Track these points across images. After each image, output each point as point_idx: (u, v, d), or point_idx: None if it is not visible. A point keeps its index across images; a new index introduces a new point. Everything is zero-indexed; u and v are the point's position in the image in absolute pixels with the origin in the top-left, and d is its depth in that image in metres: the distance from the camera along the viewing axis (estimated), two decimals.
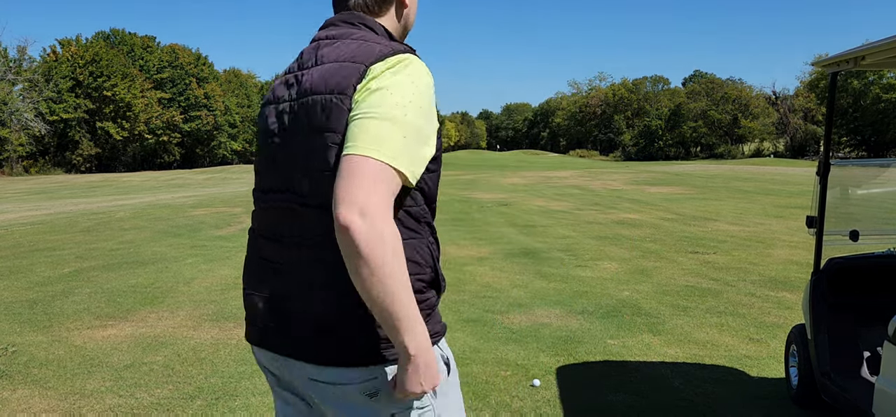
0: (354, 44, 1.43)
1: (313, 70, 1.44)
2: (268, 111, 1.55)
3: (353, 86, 1.35)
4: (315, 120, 1.39)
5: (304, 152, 1.41)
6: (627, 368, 4.47)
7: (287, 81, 1.51)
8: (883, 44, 2.98)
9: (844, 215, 3.86)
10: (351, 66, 1.37)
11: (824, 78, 54.36)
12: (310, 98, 1.41)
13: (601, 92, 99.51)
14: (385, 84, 1.33)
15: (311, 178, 1.39)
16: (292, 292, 1.44)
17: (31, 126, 53.38)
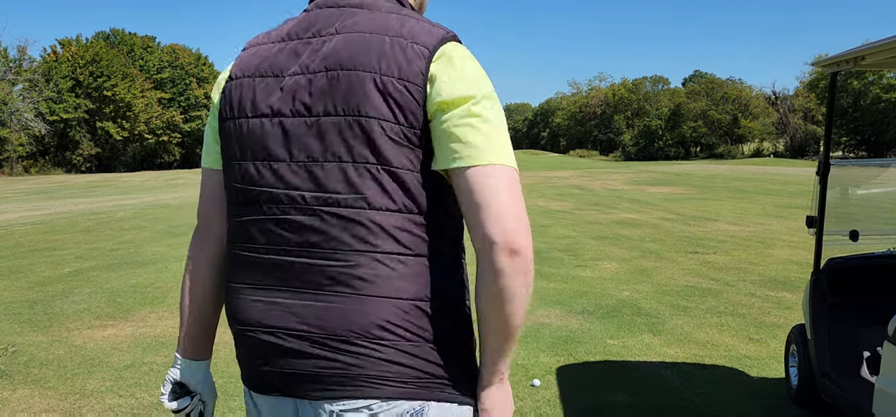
0: (393, 17, 1.20)
1: (341, 38, 1.18)
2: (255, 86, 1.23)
3: (421, 73, 1.13)
4: (359, 101, 1.13)
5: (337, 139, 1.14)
6: (627, 368, 4.47)
7: (292, 50, 1.22)
8: (883, 44, 2.98)
9: (844, 215, 3.87)
10: (411, 47, 1.14)
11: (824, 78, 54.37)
12: (349, 74, 1.14)
13: (601, 92, 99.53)
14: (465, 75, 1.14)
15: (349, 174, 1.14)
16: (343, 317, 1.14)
17: (31, 126, 53.39)
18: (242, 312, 1.24)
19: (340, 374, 1.14)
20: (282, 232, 1.18)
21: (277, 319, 1.18)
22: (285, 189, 1.18)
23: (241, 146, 1.24)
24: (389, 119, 1.12)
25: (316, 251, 1.15)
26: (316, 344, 1.15)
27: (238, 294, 1.25)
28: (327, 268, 1.15)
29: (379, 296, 1.13)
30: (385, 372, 1.13)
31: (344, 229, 1.14)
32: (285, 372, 1.18)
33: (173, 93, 69.82)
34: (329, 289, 1.14)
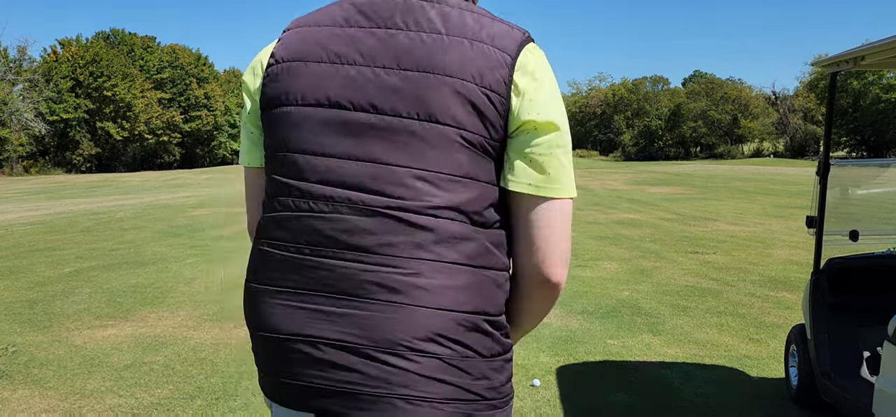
0: (471, 16, 1.13)
1: (419, 36, 1.10)
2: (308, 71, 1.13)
3: (504, 81, 1.08)
4: (439, 106, 1.07)
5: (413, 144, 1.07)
6: (627, 368, 4.47)
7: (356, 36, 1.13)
8: (883, 44, 2.99)
9: (844, 215, 3.87)
10: (493, 53, 1.09)
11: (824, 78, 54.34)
12: (427, 77, 1.07)
13: (601, 92, 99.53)
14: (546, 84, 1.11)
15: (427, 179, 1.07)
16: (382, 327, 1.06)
17: (31, 126, 53.40)
18: (273, 318, 1.13)
19: (380, 392, 1.05)
20: (330, 234, 1.09)
21: (318, 328, 1.08)
22: (339, 187, 1.09)
23: (287, 135, 1.13)
24: (468, 128, 1.07)
25: (370, 256, 1.07)
26: (359, 356, 1.06)
27: (267, 297, 1.16)
28: (382, 274, 1.06)
29: (436, 308, 1.07)
30: (429, 393, 1.06)
31: (404, 235, 1.06)
32: (316, 387, 1.09)
33: (173, 93, 69.82)
34: (382, 297, 1.06)
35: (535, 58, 1.12)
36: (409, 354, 1.05)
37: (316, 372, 1.09)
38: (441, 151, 1.07)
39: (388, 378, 1.05)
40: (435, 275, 1.07)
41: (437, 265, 1.07)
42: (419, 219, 1.07)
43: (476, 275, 1.10)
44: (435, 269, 1.07)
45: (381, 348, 1.05)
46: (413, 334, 1.05)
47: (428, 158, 1.07)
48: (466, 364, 1.08)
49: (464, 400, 1.08)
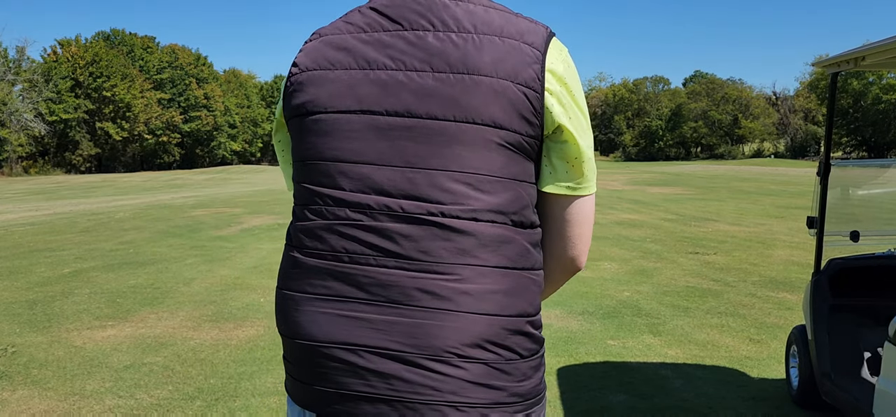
0: (498, 13, 1.13)
1: (452, 37, 1.09)
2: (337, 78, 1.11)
3: (537, 77, 1.07)
4: (477, 107, 1.05)
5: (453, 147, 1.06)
6: (627, 369, 4.46)
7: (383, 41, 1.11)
8: (883, 44, 2.98)
9: (845, 216, 3.86)
10: (524, 49, 1.09)
11: (824, 78, 54.36)
12: (464, 78, 1.06)
13: (601, 92, 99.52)
14: (578, 84, 1.13)
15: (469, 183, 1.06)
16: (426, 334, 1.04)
17: (30, 126, 53.40)
18: (311, 326, 1.10)
19: (428, 400, 1.04)
20: (369, 240, 1.07)
21: (360, 335, 1.06)
22: (376, 194, 1.07)
23: (317, 143, 1.11)
24: (506, 127, 1.06)
25: (413, 263, 1.05)
26: (405, 364, 1.04)
27: (303, 305, 1.11)
28: (427, 281, 1.05)
29: (482, 313, 1.06)
30: (477, 398, 1.05)
31: (447, 240, 1.05)
32: (357, 394, 1.06)
33: (173, 93, 69.82)
34: (427, 304, 1.04)
35: (563, 54, 1.13)
36: (456, 361, 1.04)
37: (357, 381, 1.06)
38: (479, 153, 1.05)
39: (436, 386, 1.04)
40: (480, 280, 1.06)
41: (481, 269, 1.06)
42: (461, 224, 1.05)
43: (519, 278, 1.09)
44: (479, 274, 1.06)
45: (429, 355, 1.04)
46: (461, 340, 1.04)
47: (467, 161, 1.05)
48: (510, 366, 1.08)
49: (508, 403, 1.08)
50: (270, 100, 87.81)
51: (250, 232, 12.10)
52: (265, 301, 6.44)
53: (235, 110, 77.87)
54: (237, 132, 78.34)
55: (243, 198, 20.39)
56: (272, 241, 10.77)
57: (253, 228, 12.65)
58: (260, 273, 7.90)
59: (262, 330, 5.39)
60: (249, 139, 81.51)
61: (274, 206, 17.49)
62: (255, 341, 5.11)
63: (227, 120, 75.88)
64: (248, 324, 5.58)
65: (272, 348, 4.93)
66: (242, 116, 79.65)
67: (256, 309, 6.12)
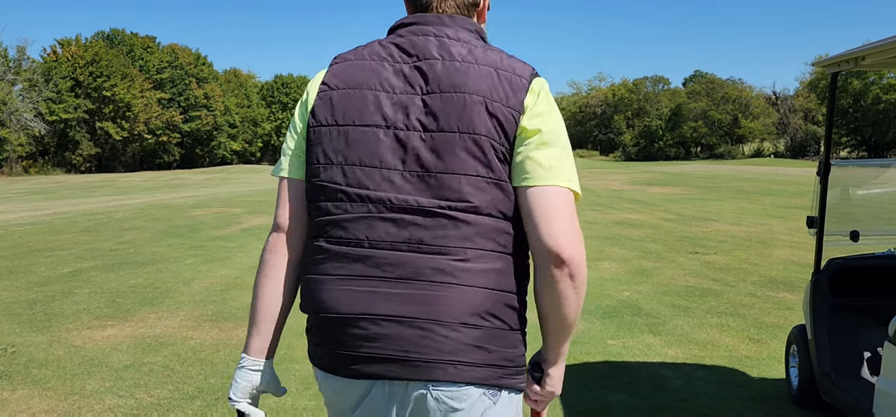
0: (493, 52, 1.38)
1: (454, 66, 1.33)
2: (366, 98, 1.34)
3: (522, 102, 1.32)
4: (476, 124, 1.29)
5: (457, 156, 1.29)
6: (628, 368, 4.46)
7: (401, 71, 1.35)
8: (883, 44, 2.98)
9: (845, 215, 3.86)
10: (516, 79, 1.34)
11: (824, 78, 54.35)
12: (463, 97, 1.30)
13: (601, 92, 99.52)
14: (549, 107, 1.36)
15: (473, 185, 1.29)
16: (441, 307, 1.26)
17: (30, 126, 53.39)
18: (335, 301, 1.32)
19: (432, 358, 1.26)
20: (389, 230, 1.30)
21: (378, 307, 1.28)
22: (396, 192, 1.30)
23: (344, 149, 1.34)
24: (498, 142, 1.30)
25: (424, 246, 1.28)
26: (415, 328, 1.26)
27: (328, 285, 1.34)
28: (436, 260, 1.28)
29: (480, 287, 1.28)
30: (472, 359, 1.27)
31: (453, 228, 1.28)
32: (374, 356, 1.29)
33: (173, 93, 69.81)
34: (436, 279, 1.27)
35: (542, 85, 1.37)
36: (458, 327, 1.27)
37: (376, 345, 1.29)
38: (478, 159, 1.29)
39: (439, 347, 1.26)
40: (479, 261, 1.29)
41: (480, 252, 1.29)
42: (465, 216, 1.29)
43: (508, 261, 1.32)
44: (478, 256, 1.29)
45: (435, 321, 1.26)
46: (462, 310, 1.27)
47: (467, 165, 1.29)
48: (501, 335, 1.31)
49: (497, 365, 1.30)
50: (270, 100, 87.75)
51: (250, 231, 12.10)
52: None
53: (235, 110, 77.85)
54: (237, 132, 78.32)
55: (243, 198, 20.39)
56: None
57: (253, 228, 12.65)
58: None
59: None
60: (249, 139, 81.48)
61: (274, 206, 17.49)
62: None
63: (227, 120, 75.85)
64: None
65: None
66: (242, 116, 79.62)
67: None
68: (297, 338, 5.16)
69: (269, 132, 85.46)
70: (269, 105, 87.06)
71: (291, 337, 5.18)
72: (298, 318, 1.45)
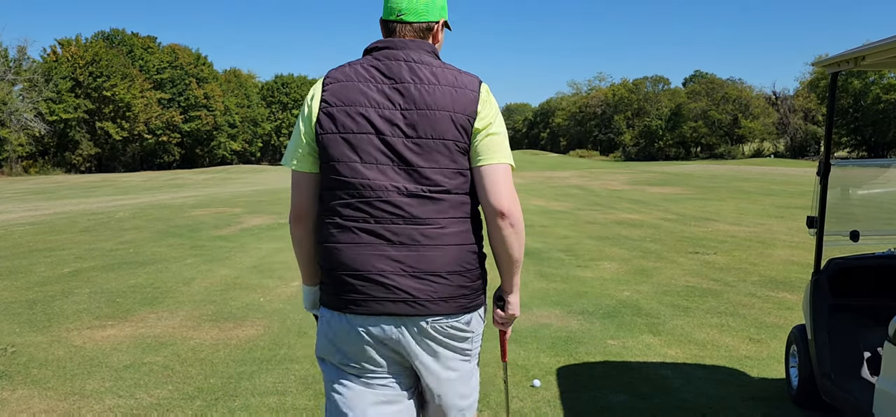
0: (449, 71, 1.89)
1: (423, 87, 1.85)
2: (359, 112, 1.85)
3: (475, 111, 1.86)
4: (444, 130, 1.83)
5: (430, 154, 1.83)
6: (627, 369, 4.46)
7: (382, 90, 1.86)
8: (883, 44, 2.98)
9: (845, 215, 3.86)
10: (468, 92, 1.87)
11: (824, 78, 54.35)
12: (434, 113, 1.83)
13: (601, 92, 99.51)
14: (493, 108, 1.91)
15: (443, 175, 1.84)
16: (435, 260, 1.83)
17: (30, 126, 53.36)
18: (351, 261, 1.84)
19: (432, 297, 1.83)
20: (387, 209, 1.82)
21: (385, 264, 1.82)
22: (390, 181, 1.82)
23: (348, 152, 1.84)
24: (460, 141, 1.84)
25: (414, 220, 1.82)
26: (413, 279, 1.82)
27: (343, 250, 1.85)
28: (424, 229, 1.83)
29: (456, 244, 1.86)
30: (456, 294, 1.87)
31: (433, 205, 1.83)
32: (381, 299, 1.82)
33: (173, 93, 69.79)
34: (425, 243, 1.83)
35: (485, 89, 1.92)
36: (444, 275, 1.84)
37: (385, 292, 1.82)
38: (447, 156, 1.84)
39: (433, 290, 1.84)
40: (451, 226, 1.86)
41: (451, 220, 1.86)
42: (440, 196, 1.84)
43: (468, 222, 1.90)
44: (450, 222, 1.86)
45: (429, 272, 1.83)
46: (446, 263, 1.84)
47: (440, 161, 1.84)
48: (470, 274, 1.89)
49: (468, 296, 1.90)
50: (270, 99, 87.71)
51: (250, 231, 12.10)
52: (265, 300, 6.44)
53: (235, 110, 77.83)
54: (237, 132, 78.30)
55: (243, 198, 20.39)
56: (272, 241, 10.78)
57: (253, 228, 12.65)
58: (260, 272, 7.90)
59: (262, 330, 5.39)
60: (249, 139, 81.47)
61: (274, 206, 17.48)
62: (255, 341, 5.11)
63: (227, 120, 75.83)
64: (248, 324, 5.58)
65: (272, 348, 4.93)
66: (242, 116, 79.60)
67: (256, 308, 6.12)
68: (296, 338, 5.16)
69: (269, 132, 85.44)
70: (269, 105, 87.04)
71: (291, 337, 5.18)
72: (298, 319, 1.45)
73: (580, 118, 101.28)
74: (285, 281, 7.42)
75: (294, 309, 6.08)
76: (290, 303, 6.30)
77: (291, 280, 7.46)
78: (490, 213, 1.86)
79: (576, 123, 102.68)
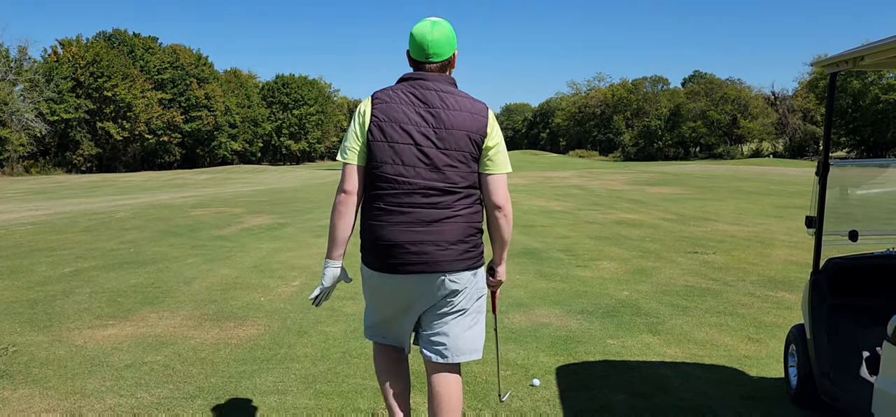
0: (465, 99, 2.65)
1: (449, 112, 2.60)
2: (399, 129, 2.58)
3: (485, 132, 2.64)
4: (462, 145, 2.59)
5: (453, 161, 2.59)
6: (627, 368, 4.47)
7: (419, 112, 2.60)
8: (882, 44, 2.99)
9: (844, 215, 3.87)
10: (480, 118, 2.64)
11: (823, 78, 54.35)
12: (456, 132, 2.59)
13: (600, 92, 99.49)
14: (496, 128, 2.69)
15: (460, 175, 2.60)
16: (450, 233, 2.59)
17: (31, 126, 53.37)
18: (388, 235, 2.57)
19: (447, 259, 2.59)
20: (417, 200, 2.56)
21: (413, 237, 2.56)
22: (422, 180, 2.57)
23: (393, 157, 2.56)
24: (473, 152, 2.61)
25: (435, 206, 2.57)
26: (433, 246, 2.56)
27: (385, 228, 2.58)
28: (441, 211, 2.58)
29: (462, 223, 2.61)
30: (462, 257, 2.62)
31: (450, 195, 2.59)
32: (409, 262, 2.57)
33: (174, 93, 69.79)
34: (443, 221, 2.57)
35: (490, 114, 2.67)
36: (454, 245, 2.59)
37: (414, 256, 2.56)
38: (464, 164, 2.61)
39: (446, 255, 2.58)
40: (461, 211, 2.61)
41: (462, 206, 2.61)
42: (455, 189, 2.60)
43: (474, 209, 2.66)
44: (461, 208, 2.61)
45: (443, 242, 2.57)
46: (456, 236, 2.59)
47: (459, 166, 2.60)
48: (471, 243, 2.65)
49: (471, 258, 2.66)
50: (271, 100, 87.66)
51: (250, 231, 12.11)
52: (265, 300, 6.45)
53: (236, 110, 77.81)
54: (238, 132, 78.29)
55: (244, 198, 20.40)
56: (272, 241, 10.79)
57: (253, 228, 12.66)
58: (260, 272, 7.91)
59: (263, 329, 5.40)
60: (250, 139, 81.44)
61: (274, 206, 17.49)
62: (256, 340, 5.12)
63: (227, 120, 75.82)
64: (249, 323, 5.59)
65: (272, 347, 4.94)
66: (243, 116, 79.57)
67: (257, 308, 6.13)
68: (297, 337, 5.17)
69: (270, 132, 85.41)
70: (270, 105, 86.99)
71: (292, 337, 5.19)
72: (298, 319, 1.46)
73: (579, 118, 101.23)
74: (286, 280, 7.43)
75: (295, 308, 6.09)
76: (290, 303, 6.31)
77: (292, 280, 7.47)
78: (490, 207, 2.68)
79: (575, 123, 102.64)
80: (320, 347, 4.94)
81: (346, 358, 4.67)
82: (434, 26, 2.65)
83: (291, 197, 21.33)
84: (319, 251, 9.62)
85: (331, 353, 4.79)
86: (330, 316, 5.78)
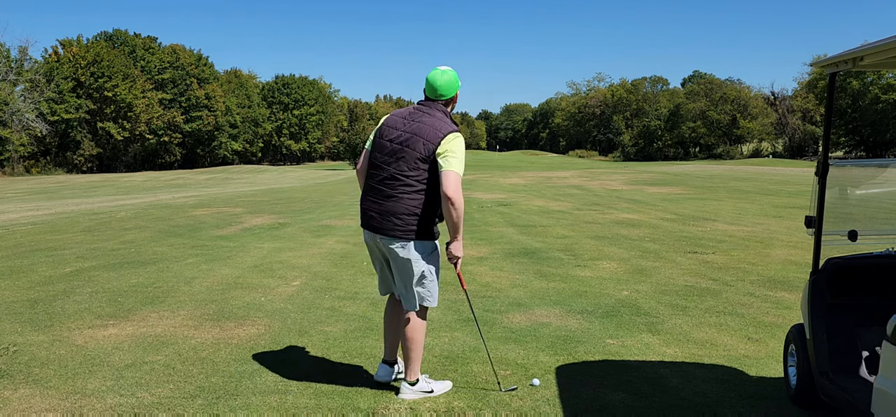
0: (439, 121, 3.75)
1: (419, 125, 3.74)
2: (387, 132, 3.82)
3: (439, 142, 3.67)
4: (418, 148, 3.69)
5: (408, 158, 3.70)
6: (626, 368, 4.48)
7: (397, 125, 3.82)
8: (882, 44, 2.99)
9: (843, 215, 3.88)
10: (439, 133, 3.68)
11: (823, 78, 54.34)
12: (415, 138, 3.70)
13: (600, 92, 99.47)
14: (454, 144, 3.68)
15: (410, 169, 3.70)
16: (392, 209, 3.71)
17: (32, 126, 53.36)
18: (366, 205, 3.86)
19: (392, 227, 3.74)
20: (383, 186, 3.78)
21: (377, 209, 3.79)
22: (389, 168, 3.77)
23: (378, 152, 3.85)
24: (422, 155, 3.71)
25: (392, 190, 3.75)
26: (385, 217, 3.75)
27: (365, 201, 3.88)
28: (393, 193, 3.74)
29: (409, 203, 3.72)
30: (406, 228, 3.73)
31: (402, 182, 3.73)
32: (375, 225, 3.80)
33: (174, 93, 69.80)
34: (394, 198, 3.74)
35: (453, 138, 3.73)
36: (402, 217, 3.74)
37: (375, 222, 3.81)
38: (415, 161, 3.74)
39: (394, 224, 3.74)
40: (409, 195, 3.74)
41: (409, 191, 3.74)
42: (407, 181, 3.75)
43: (422, 197, 3.75)
44: (409, 193, 3.74)
45: (387, 214, 3.76)
46: (403, 212, 3.73)
47: (409, 163, 3.75)
48: (418, 222, 3.75)
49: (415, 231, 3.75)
50: (271, 100, 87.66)
51: (251, 231, 12.12)
52: (266, 300, 6.45)
53: (236, 110, 77.81)
54: (238, 132, 78.28)
55: (244, 198, 20.41)
56: (273, 240, 10.79)
57: (253, 227, 12.67)
58: (261, 272, 7.92)
59: (263, 329, 5.41)
60: (250, 139, 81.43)
61: (274, 206, 17.50)
62: (256, 340, 5.12)
63: (228, 120, 75.82)
64: (249, 323, 5.60)
65: (273, 347, 4.95)
66: (243, 116, 79.57)
67: (257, 308, 6.13)
68: (297, 337, 5.18)
69: (270, 132, 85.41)
70: (270, 105, 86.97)
71: (292, 337, 5.20)
72: (299, 318, 1.47)
73: (579, 118, 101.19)
74: (286, 280, 7.44)
75: (295, 308, 6.10)
76: (291, 303, 6.32)
77: (292, 279, 7.48)
78: (442, 196, 3.63)
79: (575, 123, 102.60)
80: (320, 347, 4.94)
81: (347, 358, 4.68)
82: (442, 73, 3.84)
83: (292, 197, 21.35)
84: (319, 251, 9.63)
85: (331, 353, 4.80)
86: (330, 316, 5.79)
